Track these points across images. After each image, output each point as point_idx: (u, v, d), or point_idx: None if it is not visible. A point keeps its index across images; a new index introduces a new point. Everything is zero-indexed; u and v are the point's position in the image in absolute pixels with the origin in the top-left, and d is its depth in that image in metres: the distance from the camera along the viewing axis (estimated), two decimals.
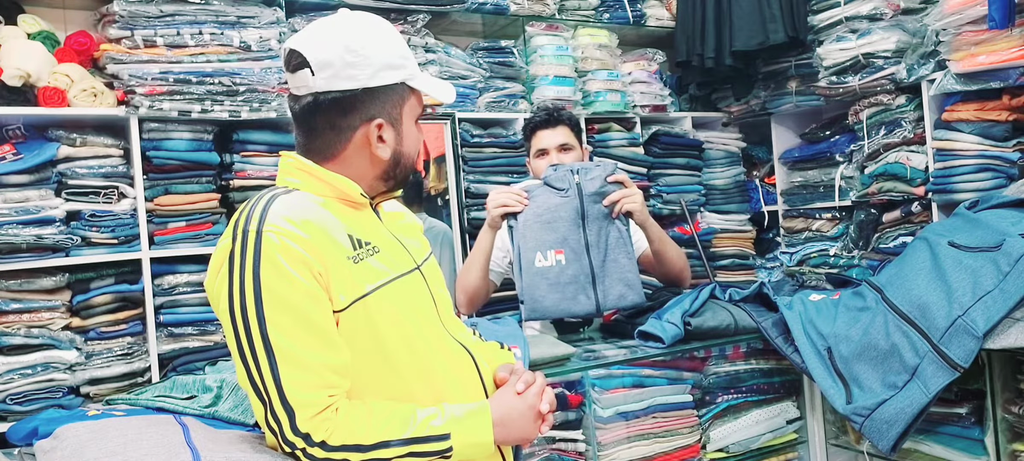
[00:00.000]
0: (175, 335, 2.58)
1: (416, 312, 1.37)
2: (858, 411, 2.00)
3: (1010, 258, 1.98)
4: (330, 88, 1.30)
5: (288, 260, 1.19)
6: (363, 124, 1.33)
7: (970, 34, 2.65)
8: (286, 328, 1.19)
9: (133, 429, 1.61)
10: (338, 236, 1.27)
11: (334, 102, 1.31)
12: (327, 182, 1.33)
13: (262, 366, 1.18)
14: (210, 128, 2.68)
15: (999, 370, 2.17)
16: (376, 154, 1.35)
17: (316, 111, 1.31)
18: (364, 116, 1.33)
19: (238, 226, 1.23)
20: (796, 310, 2.28)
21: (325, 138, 1.33)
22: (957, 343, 1.92)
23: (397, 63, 1.35)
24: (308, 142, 1.35)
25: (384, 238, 1.38)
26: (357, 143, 1.34)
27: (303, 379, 1.19)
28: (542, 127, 2.59)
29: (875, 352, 2.06)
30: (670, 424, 2.28)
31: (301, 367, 1.19)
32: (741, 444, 2.36)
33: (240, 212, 1.25)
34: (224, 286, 1.21)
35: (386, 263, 1.34)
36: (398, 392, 1.31)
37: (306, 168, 1.34)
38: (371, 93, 1.32)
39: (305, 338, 1.20)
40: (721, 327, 2.26)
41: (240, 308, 1.19)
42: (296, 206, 1.25)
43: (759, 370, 2.44)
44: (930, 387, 1.92)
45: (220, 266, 1.23)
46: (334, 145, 1.34)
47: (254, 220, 1.22)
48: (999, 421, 2.17)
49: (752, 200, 3.82)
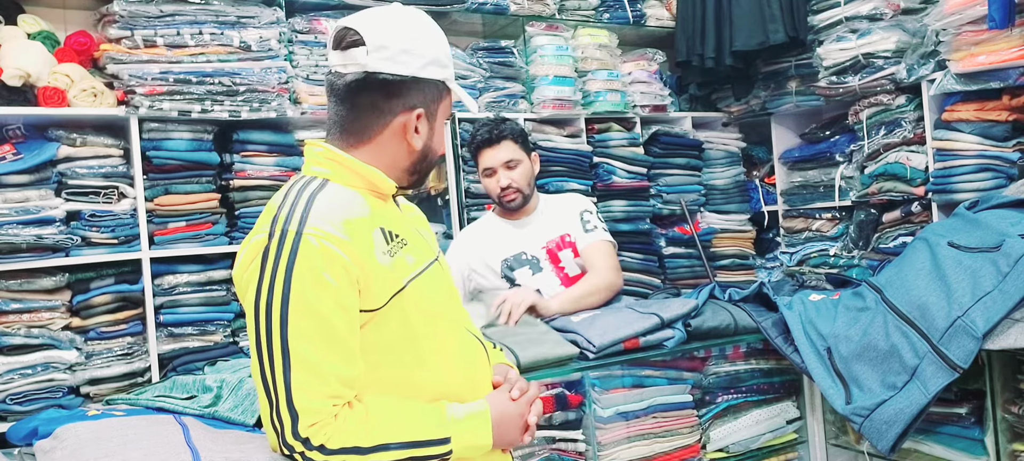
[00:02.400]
0: (175, 335, 2.58)
1: (441, 303, 1.39)
2: (858, 411, 2.00)
3: (1010, 259, 1.98)
4: (381, 69, 1.31)
5: (326, 266, 1.20)
6: (404, 112, 1.35)
7: (970, 34, 2.65)
8: (307, 334, 1.19)
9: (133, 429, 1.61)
10: (374, 233, 1.29)
11: (383, 84, 1.32)
12: (359, 174, 1.34)
13: (276, 366, 1.19)
14: (210, 128, 2.68)
15: (999, 370, 2.17)
16: (411, 143, 1.37)
17: (363, 89, 1.33)
18: (407, 104, 1.35)
19: (277, 222, 1.23)
20: (796, 310, 2.29)
21: (366, 118, 1.35)
22: (957, 344, 1.92)
23: (443, 62, 1.38)
24: (346, 120, 1.36)
25: (409, 230, 1.40)
26: (394, 129, 1.35)
27: (313, 386, 1.20)
28: (485, 146, 2.54)
29: (875, 352, 2.06)
30: (670, 424, 2.28)
31: (314, 374, 1.20)
32: (741, 444, 2.36)
33: (279, 206, 1.25)
34: (254, 279, 1.21)
35: (414, 255, 1.36)
36: (422, 382, 1.33)
37: (337, 158, 1.34)
38: (417, 83, 1.35)
39: (323, 346, 1.20)
40: (721, 327, 2.26)
41: (266, 305, 1.19)
42: (337, 206, 1.26)
43: (759, 370, 2.44)
44: (929, 388, 1.92)
45: (253, 259, 1.23)
46: (372, 127, 1.35)
47: (295, 220, 1.22)
48: (999, 421, 2.17)
49: (752, 200, 3.82)
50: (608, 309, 2.39)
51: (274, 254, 1.20)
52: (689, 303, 2.29)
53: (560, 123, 3.40)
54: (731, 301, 2.41)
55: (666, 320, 2.19)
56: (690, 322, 2.23)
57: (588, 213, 2.62)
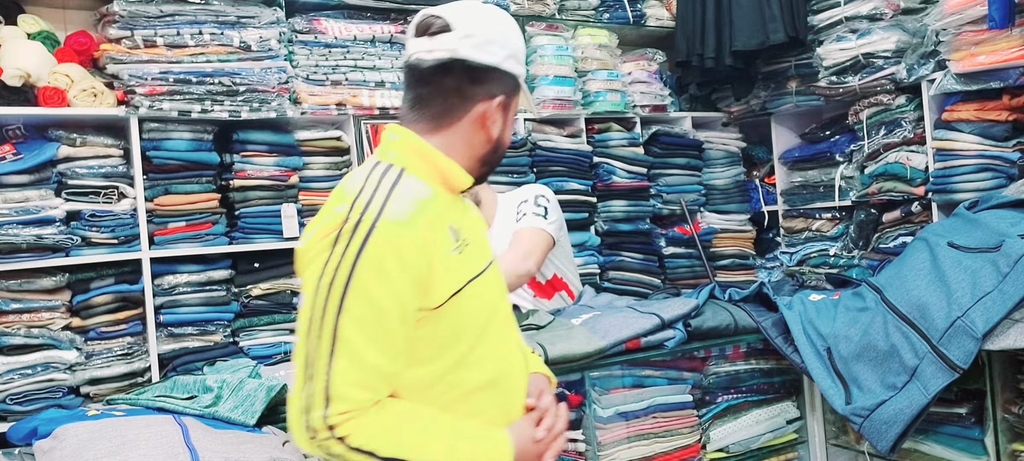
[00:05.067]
0: (175, 335, 2.58)
1: (493, 308, 1.40)
2: (857, 412, 2.00)
3: (1009, 259, 1.98)
4: (469, 55, 1.33)
5: (395, 259, 1.20)
6: (484, 100, 1.36)
7: (970, 34, 2.65)
8: (360, 321, 1.19)
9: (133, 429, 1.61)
10: (446, 229, 1.30)
11: (468, 69, 1.33)
12: (436, 166, 1.34)
13: (322, 345, 1.19)
14: (210, 128, 2.68)
15: (999, 370, 2.17)
16: (489, 131, 1.37)
17: (449, 72, 1.33)
18: (488, 92, 1.36)
19: (356, 206, 1.22)
20: (796, 310, 2.29)
21: (448, 102, 1.35)
22: (956, 344, 1.92)
23: (520, 58, 1.40)
24: (428, 102, 1.36)
25: (471, 230, 1.40)
26: (473, 116, 1.36)
27: (353, 375, 1.20)
28: None
29: (874, 353, 2.06)
30: (670, 424, 2.28)
31: (357, 363, 1.20)
32: (741, 444, 2.36)
33: (360, 190, 1.25)
34: (322, 255, 1.21)
35: (475, 256, 1.36)
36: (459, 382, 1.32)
37: (418, 148, 1.34)
38: (499, 74, 1.36)
39: (373, 338, 1.21)
40: (721, 327, 2.26)
41: (328, 284, 1.19)
42: (415, 200, 1.26)
43: (759, 370, 2.44)
44: (929, 388, 1.92)
45: (326, 235, 1.22)
46: (453, 111, 1.35)
47: (374, 207, 1.22)
48: (999, 421, 2.17)
49: (752, 200, 3.82)
50: (608, 310, 2.39)
51: (348, 236, 1.20)
52: (689, 303, 2.28)
53: (560, 123, 3.40)
54: (731, 301, 2.41)
55: (666, 320, 2.18)
56: (690, 322, 2.23)
57: (525, 203, 2.47)
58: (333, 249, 1.20)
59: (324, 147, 2.91)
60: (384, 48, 3.00)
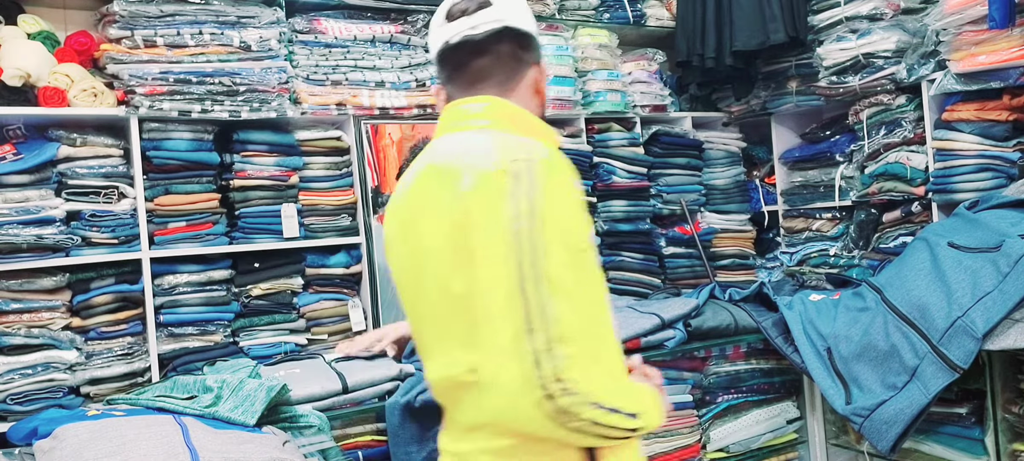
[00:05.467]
0: (175, 335, 2.58)
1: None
2: (858, 411, 2.00)
3: (1009, 259, 1.99)
4: (516, 23, 1.38)
5: (572, 184, 1.24)
6: (534, 65, 1.41)
7: (970, 34, 2.65)
8: (565, 262, 1.17)
9: (133, 429, 1.62)
10: None
11: (519, 35, 1.38)
12: (532, 127, 1.36)
13: (540, 291, 1.15)
14: (210, 128, 2.68)
15: (999, 370, 2.17)
16: (542, 94, 1.43)
17: (503, 39, 1.37)
18: (536, 57, 1.42)
19: (509, 151, 1.22)
20: (796, 310, 2.29)
21: (508, 66, 1.38)
22: (956, 344, 1.92)
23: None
24: (489, 72, 1.37)
25: None
26: (528, 80, 1.40)
27: (573, 317, 1.16)
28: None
29: (875, 353, 2.06)
30: (670, 424, 2.28)
31: (568, 302, 1.16)
32: (741, 444, 2.36)
33: (487, 146, 1.24)
34: (500, 202, 1.18)
35: None
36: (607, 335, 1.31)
37: (510, 112, 1.35)
38: (536, 42, 1.43)
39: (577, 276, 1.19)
40: (721, 327, 2.26)
41: (528, 233, 1.16)
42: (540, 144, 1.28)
43: (759, 370, 2.44)
44: (930, 388, 1.92)
45: (493, 184, 1.19)
46: (515, 75, 1.39)
47: (527, 147, 1.23)
48: (999, 421, 2.17)
49: (752, 200, 3.82)
50: None
51: (527, 177, 1.19)
52: (689, 303, 2.29)
53: (560, 123, 3.40)
54: (731, 301, 2.42)
55: (666, 320, 2.19)
56: (690, 322, 2.23)
57: None
58: (515, 193, 1.18)
59: (324, 147, 2.90)
60: (384, 48, 3.00)
